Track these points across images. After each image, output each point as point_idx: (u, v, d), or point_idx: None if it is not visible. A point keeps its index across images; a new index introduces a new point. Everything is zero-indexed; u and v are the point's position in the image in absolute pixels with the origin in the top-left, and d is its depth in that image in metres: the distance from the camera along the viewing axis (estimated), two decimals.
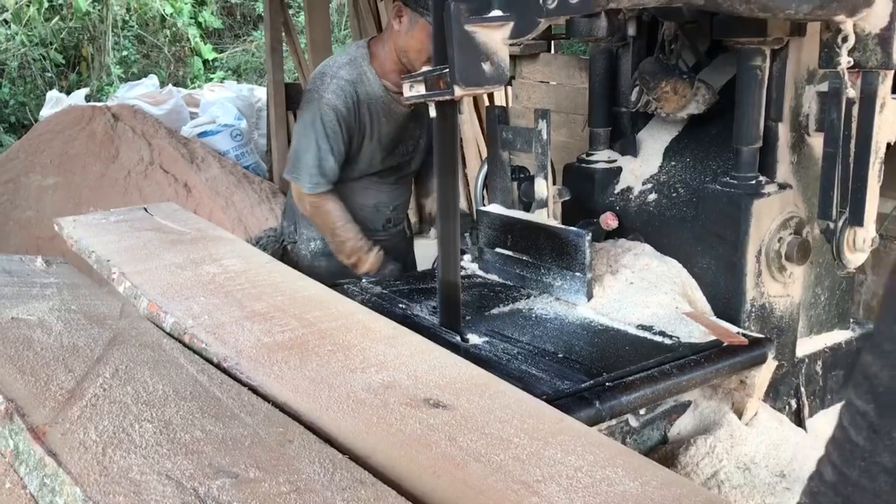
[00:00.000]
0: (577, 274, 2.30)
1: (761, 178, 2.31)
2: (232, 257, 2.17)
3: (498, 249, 2.55)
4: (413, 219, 3.27)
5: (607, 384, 1.87)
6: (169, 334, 1.87)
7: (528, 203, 2.60)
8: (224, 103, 7.04)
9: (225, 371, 1.64)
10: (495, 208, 2.58)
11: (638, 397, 1.88)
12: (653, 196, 2.55)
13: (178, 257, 2.17)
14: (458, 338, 2.11)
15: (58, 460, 1.28)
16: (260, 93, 7.47)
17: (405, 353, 1.62)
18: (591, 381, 1.87)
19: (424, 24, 2.43)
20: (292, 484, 1.29)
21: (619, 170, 2.68)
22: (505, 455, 1.25)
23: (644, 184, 2.60)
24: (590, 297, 2.30)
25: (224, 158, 6.47)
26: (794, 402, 2.51)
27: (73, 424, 1.42)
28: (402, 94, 2.09)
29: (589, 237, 2.25)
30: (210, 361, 1.68)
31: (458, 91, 1.82)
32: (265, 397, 1.54)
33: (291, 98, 6.77)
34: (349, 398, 1.46)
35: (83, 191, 6.02)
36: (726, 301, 2.33)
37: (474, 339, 2.12)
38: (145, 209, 2.63)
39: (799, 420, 2.50)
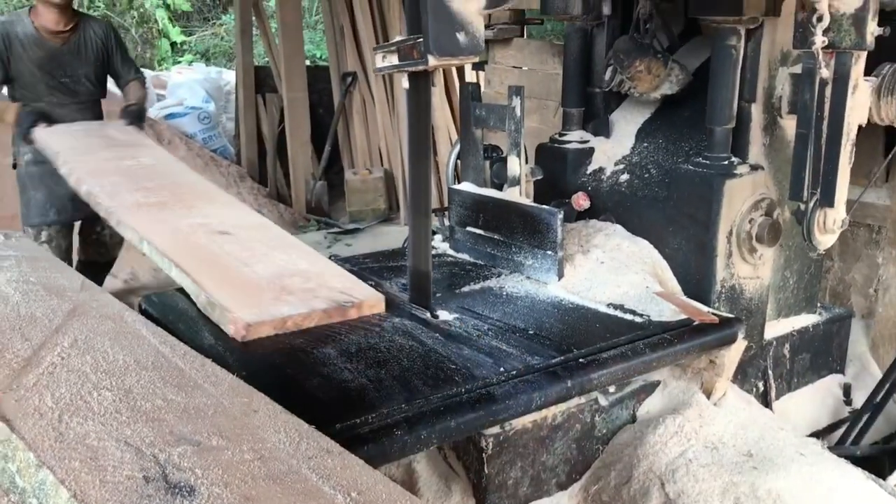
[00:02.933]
0: (549, 253, 2.28)
1: (733, 158, 2.30)
2: (148, 158, 3.15)
3: (469, 228, 2.52)
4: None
5: (578, 360, 1.85)
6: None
7: (499, 184, 2.58)
8: (192, 85, 6.92)
9: (107, 213, 2.47)
10: (467, 186, 2.56)
11: (608, 374, 1.86)
12: (625, 177, 2.54)
13: (109, 154, 3.14)
14: (428, 314, 2.08)
15: (11, 426, 1.23)
16: (228, 76, 7.35)
17: (228, 212, 2.50)
18: (562, 358, 1.86)
19: None
20: (256, 452, 1.25)
21: (592, 150, 2.67)
22: (246, 253, 2.18)
23: (616, 164, 2.59)
24: (561, 275, 2.28)
25: (191, 141, 6.36)
26: (761, 385, 2.52)
27: (28, 391, 1.37)
28: (51, 31, 3.67)
29: (561, 216, 2.23)
30: (98, 212, 2.55)
31: (431, 61, 1.79)
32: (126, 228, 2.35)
33: (261, 81, 6.69)
34: (171, 230, 2.29)
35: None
36: (697, 282, 2.33)
37: (444, 315, 2.09)
38: (100, 124, 3.79)
39: (766, 402, 2.51)
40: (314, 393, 1.69)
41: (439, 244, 2.65)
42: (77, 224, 4.03)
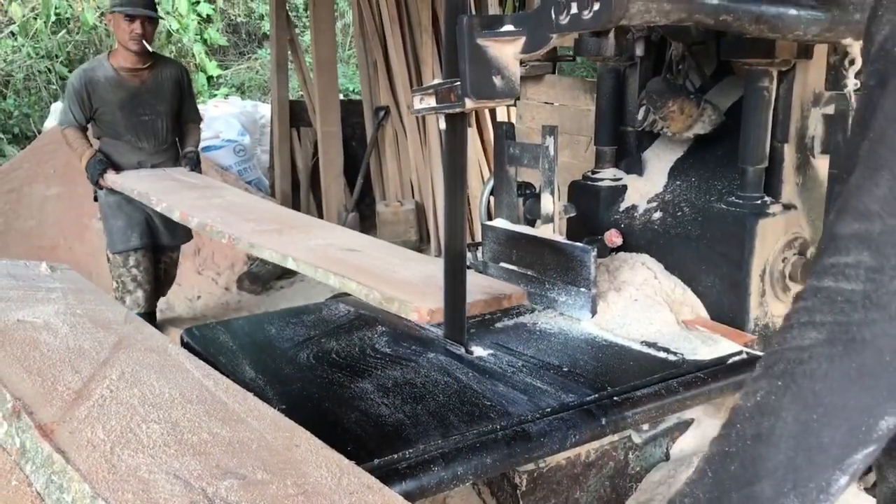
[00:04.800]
0: (582, 290, 2.30)
1: (766, 198, 2.32)
2: (232, 196, 3.43)
3: (502, 264, 2.56)
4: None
5: (612, 398, 1.87)
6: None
7: (532, 219, 2.61)
8: (228, 119, 7.07)
9: (231, 239, 2.63)
10: (500, 223, 2.60)
11: (642, 412, 1.88)
12: (658, 214, 2.56)
13: (195, 194, 3.42)
14: (463, 349, 2.11)
15: (66, 457, 1.28)
16: (264, 109, 7.50)
17: (342, 235, 2.65)
18: (596, 395, 1.88)
19: (112, 14, 4.00)
20: (300, 487, 1.29)
21: (625, 188, 2.70)
22: (384, 264, 2.28)
23: (649, 202, 2.62)
24: (594, 312, 2.30)
25: (227, 173, 6.49)
26: None
27: (80, 423, 1.42)
28: (130, 71, 4.09)
29: (594, 253, 2.26)
30: (221, 240, 2.69)
31: (468, 104, 1.84)
32: (262, 249, 2.48)
33: (296, 115, 6.81)
34: (305, 248, 2.40)
35: (85, 202, 6.04)
36: (730, 320, 2.33)
37: (479, 351, 2.12)
38: (164, 170, 4.15)
39: None
40: (352, 428, 1.72)
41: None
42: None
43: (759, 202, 2.30)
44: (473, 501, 2.04)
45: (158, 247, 4.37)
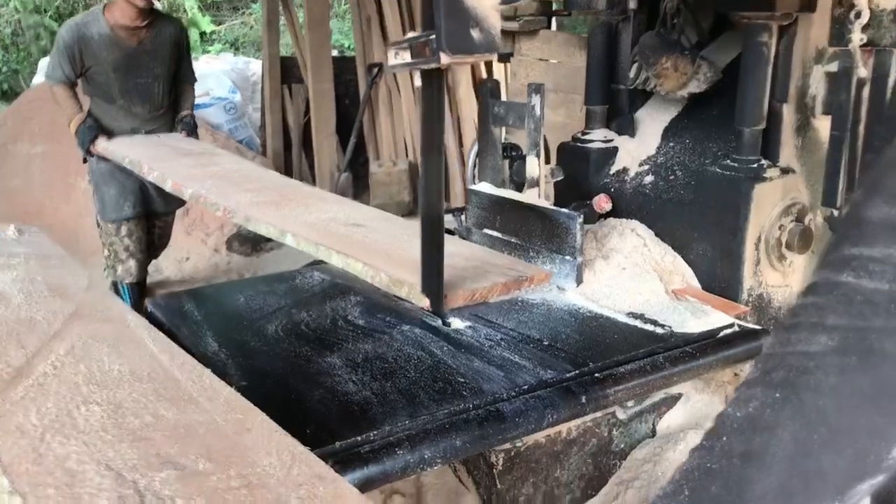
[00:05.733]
0: (567, 258, 2.19)
1: (763, 161, 2.20)
2: (229, 163, 3.18)
3: (486, 230, 2.44)
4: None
5: (594, 375, 1.76)
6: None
7: (519, 182, 2.49)
8: (219, 76, 6.89)
9: (227, 211, 2.37)
10: (484, 187, 2.47)
11: (625, 390, 1.77)
12: (649, 178, 2.44)
13: (190, 161, 3.16)
14: (440, 321, 2.01)
15: None
16: (255, 66, 7.32)
17: (345, 208, 2.36)
18: (577, 371, 1.77)
19: None
20: (244, 478, 1.18)
21: (616, 150, 2.57)
22: (392, 240, 1.99)
23: (641, 165, 2.49)
24: (579, 281, 2.19)
25: (217, 132, 6.34)
26: None
27: (13, 406, 1.32)
28: (128, 29, 3.72)
29: (581, 220, 2.14)
30: (218, 210, 2.40)
31: (444, 59, 1.70)
32: (258, 224, 2.23)
33: (287, 72, 6.64)
34: (305, 223, 2.16)
35: (72, 161, 5.91)
36: (722, 290, 2.22)
37: (457, 323, 2.02)
38: (158, 136, 3.85)
39: None
40: (315, 407, 1.62)
41: None
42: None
43: (755, 166, 2.18)
44: (449, 480, 1.95)
45: (152, 212, 4.17)
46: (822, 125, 2.25)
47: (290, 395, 1.67)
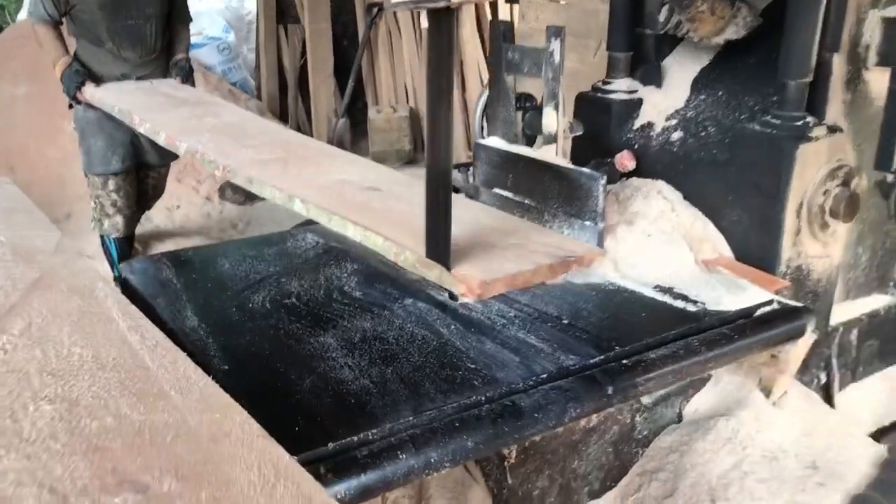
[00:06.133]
0: (587, 223, 1.97)
1: (808, 118, 1.96)
2: (227, 114, 2.84)
3: (496, 190, 2.21)
4: None
5: (621, 362, 1.56)
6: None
7: (531, 136, 2.26)
8: (212, 15, 6.57)
9: (226, 171, 2.11)
10: (495, 142, 2.24)
11: (657, 378, 1.57)
12: (678, 134, 2.21)
13: (185, 112, 2.82)
14: (447, 295, 1.80)
15: None
16: (250, 4, 6.98)
17: (359, 168, 2.11)
18: (602, 357, 1.57)
19: None
20: (216, 501, 0.99)
21: (640, 102, 2.33)
22: (415, 209, 1.64)
23: (668, 119, 2.26)
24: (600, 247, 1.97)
25: (209, 73, 6.04)
26: (823, 375, 2.22)
27: None
28: None
29: (604, 181, 1.91)
30: (217, 169, 2.14)
31: None
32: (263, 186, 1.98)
33: (283, 11, 6.32)
34: (317, 186, 1.89)
35: (58, 103, 5.63)
36: (758, 261, 2.01)
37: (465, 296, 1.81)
38: (151, 82, 3.50)
39: (828, 394, 2.22)
40: (306, 399, 1.42)
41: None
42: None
43: (800, 123, 1.95)
44: (456, 470, 1.77)
45: (145, 164, 3.87)
46: (874, 78, 2.02)
47: (276, 382, 1.47)
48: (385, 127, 5.91)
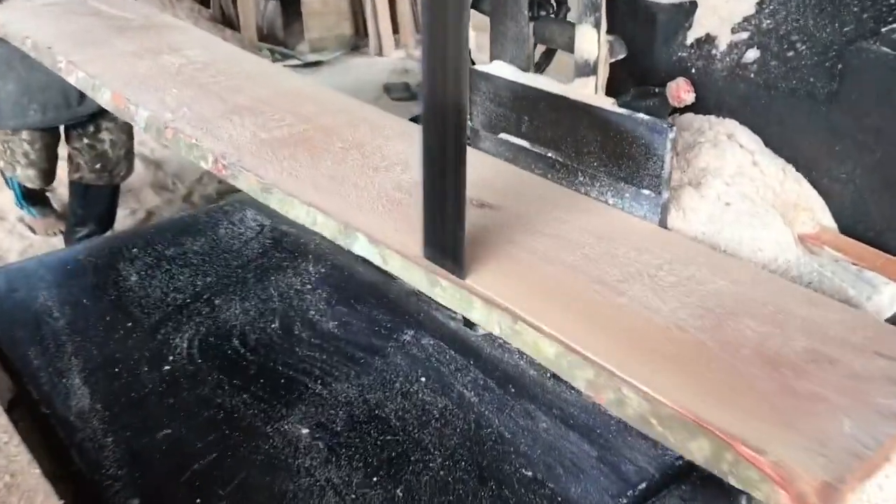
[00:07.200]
0: (645, 191, 1.39)
1: None
2: (193, 47, 1.95)
3: (504, 136, 1.60)
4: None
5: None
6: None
7: (550, 52, 1.65)
8: None
9: (220, 166, 1.29)
10: (501, 69, 1.62)
11: None
12: (752, 54, 1.61)
13: (130, 45, 1.92)
14: (462, 319, 1.23)
15: None
16: None
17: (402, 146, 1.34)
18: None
19: None
20: None
21: (694, 6, 1.72)
22: (574, 255, 1.03)
23: (735, 32, 1.66)
24: (664, 228, 1.42)
25: None
26: None
27: None
28: None
29: (673, 135, 1.33)
30: (204, 160, 1.32)
31: None
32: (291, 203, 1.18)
33: None
34: (381, 198, 1.16)
35: None
36: (874, 237, 1.48)
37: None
38: None
39: None
40: None
41: None
42: (62, 128, 2.87)
43: None
44: None
45: (82, 118, 2.81)
46: None
47: None
48: (321, 10, 5.38)
